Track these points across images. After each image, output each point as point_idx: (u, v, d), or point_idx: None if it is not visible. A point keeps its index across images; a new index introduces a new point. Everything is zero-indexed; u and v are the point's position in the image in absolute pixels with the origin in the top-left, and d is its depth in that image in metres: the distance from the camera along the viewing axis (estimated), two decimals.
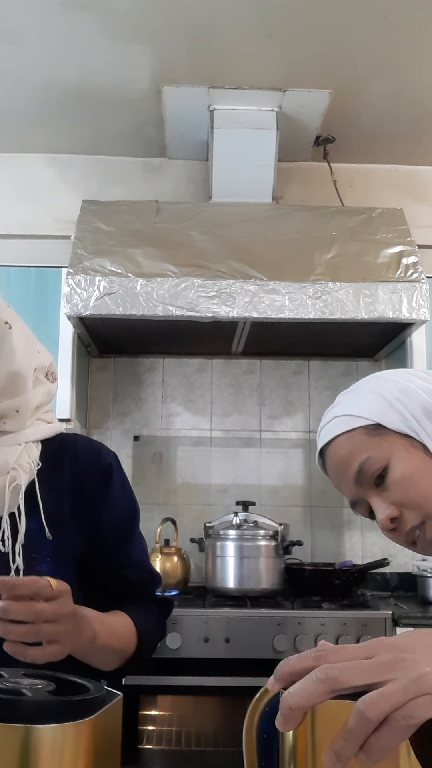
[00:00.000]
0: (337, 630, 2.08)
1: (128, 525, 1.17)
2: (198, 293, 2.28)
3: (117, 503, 1.14)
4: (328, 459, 0.94)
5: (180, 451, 2.85)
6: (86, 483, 1.12)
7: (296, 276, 2.33)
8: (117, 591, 1.14)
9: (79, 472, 1.12)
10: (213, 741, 2.11)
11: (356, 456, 0.89)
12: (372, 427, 0.89)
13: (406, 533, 0.88)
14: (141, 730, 2.10)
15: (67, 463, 1.12)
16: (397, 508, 0.87)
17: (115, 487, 1.15)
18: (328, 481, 0.97)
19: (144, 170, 2.98)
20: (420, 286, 2.32)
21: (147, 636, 1.12)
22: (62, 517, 1.08)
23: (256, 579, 2.32)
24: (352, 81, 2.45)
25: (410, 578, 2.61)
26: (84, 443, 1.17)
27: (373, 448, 0.88)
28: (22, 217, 2.87)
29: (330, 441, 0.93)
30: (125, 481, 1.18)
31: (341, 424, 0.91)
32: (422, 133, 2.78)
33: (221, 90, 2.51)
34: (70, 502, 1.09)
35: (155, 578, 1.21)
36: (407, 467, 0.87)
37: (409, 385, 0.90)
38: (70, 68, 2.38)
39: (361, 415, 0.90)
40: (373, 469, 0.88)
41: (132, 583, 1.15)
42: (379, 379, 0.95)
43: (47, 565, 1.04)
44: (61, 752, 0.51)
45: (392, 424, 0.88)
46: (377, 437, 0.88)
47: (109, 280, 2.28)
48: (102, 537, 1.11)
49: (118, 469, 1.17)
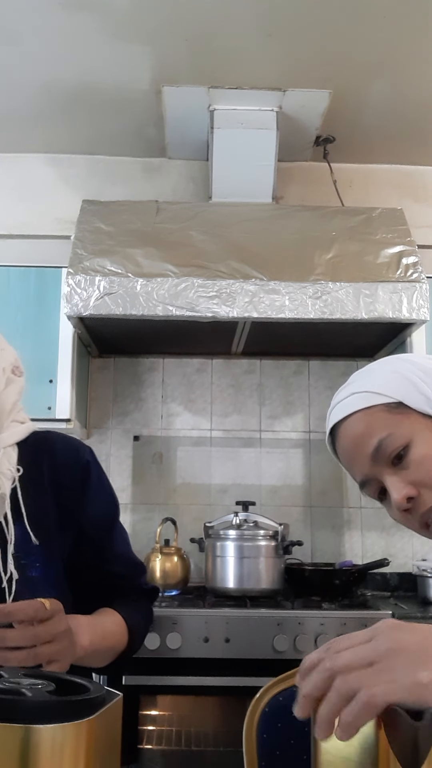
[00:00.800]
0: (337, 630, 2.08)
1: (110, 520, 1.17)
2: (198, 293, 2.28)
3: (97, 499, 1.14)
4: (341, 435, 0.92)
5: (180, 451, 2.85)
6: (66, 483, 1.11)
7: (296, 276, 2.33)
8: (104, 587, 1.14)
9: (58, 472, 1.11)
10: (213, 741, 2.11)
11: (375, 433, 0.87)
12: (393, 405, 0.88)
13: (422, 514, 0.87)
14: (141, 730, 2.10)
15: (46, 464, 1.11)
16: (415, 488, 0.86)
17: (94, 483, 1.14)
18: (328, 481, 0.97)
19: (144, 170, 2.98)
20: (420, 286, 2.32)
21: (137, 630, 1.13)
22: (47, 519, 1.07)
23: (256, 579, 2.32)
24: (352, 81, 2.45)
25: (410, 578, 2.61)
26: (60, 442, 1.16)
27: (394, 426, 0.87)
28: (22, 217, 2.87)
29: (345, 418, 0.91)
30: (103, 476, 1.18)
31: (360, 400, 0.90)
32: (422, 133, 2.78)
33: (221, 90, 2.51)
34: (52, 503, 1.09)
35: (139, 568, 1.21)
36: (430, 447, 0.86)
37: (430, 367, 0.89)
38: (70, 68, 2.38)
39: (381, 392, 0.89)
40: (393, 446, 0.86)
41: (117, 576, 1.15)
42: (398, 359, 0.94)
43: (37, 570, 1.03)
44: (61, 752, 0.51)
45: (415, 403, 0.87)
46: (399, 415, 0.87)
47: (109, 280, 2.28)
48: (85, 534, 1.11)
49: (95, 464, 1.17)
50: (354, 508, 2.79)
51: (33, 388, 2.41)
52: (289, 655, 2.04)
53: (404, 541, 2.78)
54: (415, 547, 2.77)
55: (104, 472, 1.19)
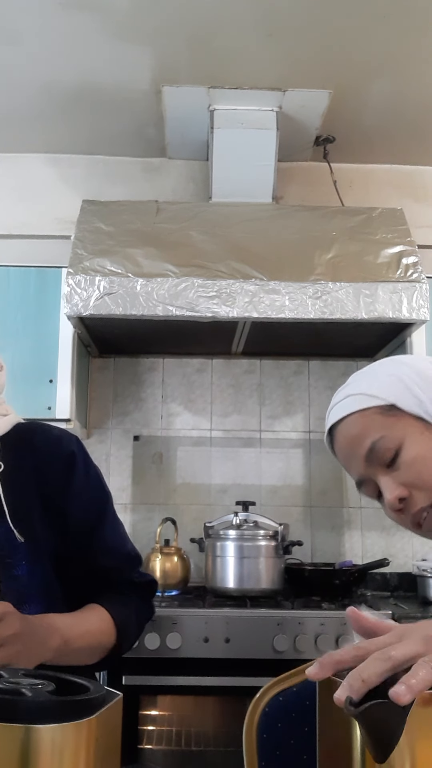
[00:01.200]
0: (337, 630, 2.08)
1: (98, 511, 1.13)
2: (198, 293, 2.28)
3: (83, 490, 1.11)
4: (338, 436, 0.94)
5: (180, 451, 2.85)
6: (49, 476, 1.08)
7: (296, 276, 2.33)
8: (93, 581, 1.11)
9: (40, 465, 1.08)
10: (213, 741, 2.11)
11: (369, 435, 0.89)
12: (387, 408, 0.89)
13: (414, 514, 0.89)
14: (141, 730, 2.10)
15: (28, 457, 1.08)
16: (406, 489, 0.88)
17: (79, 473, 1.11)
18: (328, 481, 0.98)
19: (144, 170, 2.98)
20: (420, 286, 2.32)
21: (126, 626, 1.09)
22: (31, 515, 1.04)
23: (256, 579, 2.32)
24: (352, 81, 2.45)
25: (410, 578, 2.61)
26: (42, 433, 1.13)
27: (387, 429, 0.89)
28: (22, 217, 2.87)
29: (342, 419, 0.93)
30: (90, 465, 1.14)
31: (355, 402, 0.92)
32: (422, 133, 2.78)
33: (221, 90, 2.51)
34: (36, 498, 1.06)
35: (133, 561, 1.17)
36: (421, 449, 0.87)
37: (426, 370, 0.91)
38: (70, 68, 2.38)
39: (376, 395, 0.90)
40: (385, 448, 0.88)
41: (108, 570, 1.12)
42: (395, 362, 0.95)
43: (23, 568, 1.02)
44: (61, 752, 0.51)
45: (408, 406, 0.89)
46: (392, 418, 0.89)
47: (109, 280, 2.28)
48: (72, 528, 1.08)
49: (82, 454, 1.13)
50: (354, 508, 2.79)
51: (33, 388, 2.43)
52: (289, 655, 2.04)
53: (404, 541, 2.78)
54: (415, 547, 2.77)
55: (92, 462, 1.16)
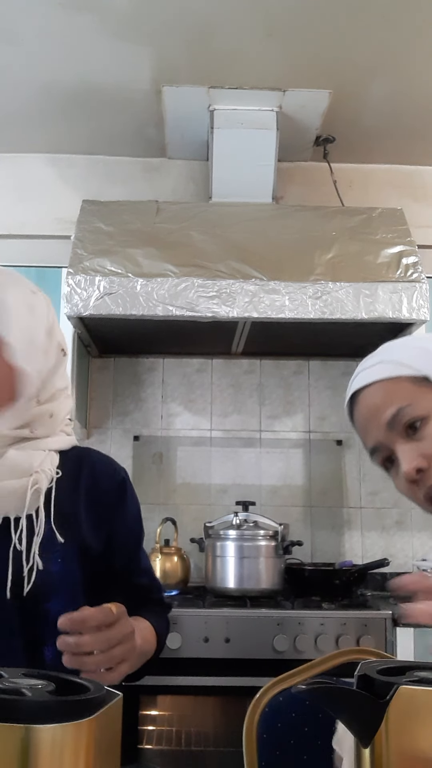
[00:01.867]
0: (337, 630, 2.08)
1: (137, 538, 1.25)
2: (198, 293, 2.28)
3: (130, 515, 1.22)
4: (362, 399, 0.94)
5: (180, 451, 2.85)
6: (102, 494, 1.19)
7: (296, 276, 2.33)
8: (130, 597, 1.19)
9: (95, 483, 1.19)
10: (213, 741, 2.11)
11: (396, 401, 0.89)
12: (419, 379, 0.90)
13: (429, 487, 0.88)
14: (141, 730, 2.10)
15: (84, 474, 1.18)
16: (425, 460, 0.87)
17: (129, 500, 1.23)
18: (328, 481, 0.98)
19: (144, 170, 2.98)
20: (420, 286, 2.32)
21: (163, 638, 1.20)
22: (77, 523, 1.13)
23: (256, 579, 2.32)
24: (352, 81, 2.45)
25: None
26: (98, 457, 1.25)
27: (416, 398, 0.89)
28: (22, 217, 2.87)
29: (370, 383, 0.93)
30: (135, 495, 1.26)
31: (387, 369, 0.92)
32: (422, 133, 2.77)
33: (221, 90, 2.51)
34: (86, 510, 1.15)
35: (160, 585, 1.30)
36: None
37: None
38: (70, 68, 2.38)
39: (410, 365, 0.91)
40: (410, 416, 0.88)
41: (143, 589, 1.23)
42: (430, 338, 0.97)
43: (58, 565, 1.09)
44: (61, 752, 0.51)
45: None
46: (423, 389, 0.89)
47: (109, 280, 2.28)
48: (116, 547, 1.18)
49: (130, 483, 1.25)
50: (354, 508, 2.79)
51: None
52: (289, 655, 2.05)
53: (404, 541, 2.78)
54: (415, 547, 2.77)
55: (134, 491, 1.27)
